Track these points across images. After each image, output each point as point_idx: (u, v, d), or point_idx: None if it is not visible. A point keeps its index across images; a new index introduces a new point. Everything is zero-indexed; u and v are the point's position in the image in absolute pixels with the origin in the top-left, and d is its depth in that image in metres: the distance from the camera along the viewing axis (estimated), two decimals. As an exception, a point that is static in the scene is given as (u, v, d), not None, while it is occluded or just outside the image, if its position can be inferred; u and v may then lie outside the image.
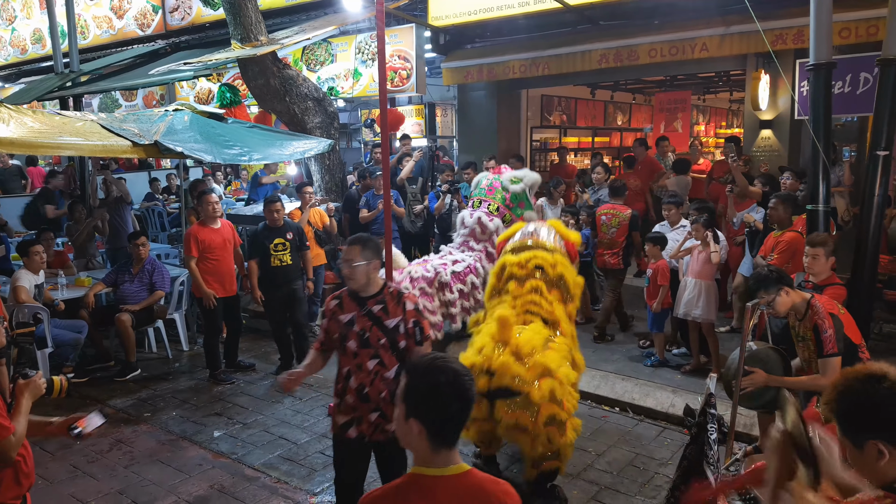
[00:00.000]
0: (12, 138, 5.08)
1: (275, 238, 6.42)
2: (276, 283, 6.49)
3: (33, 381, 2.62)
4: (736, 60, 8.23)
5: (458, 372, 1.74)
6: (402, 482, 1.73)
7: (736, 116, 17.86)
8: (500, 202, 6.37)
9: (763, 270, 3.55)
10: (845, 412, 1.73)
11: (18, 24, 14.55)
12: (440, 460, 1.70)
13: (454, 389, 1.71)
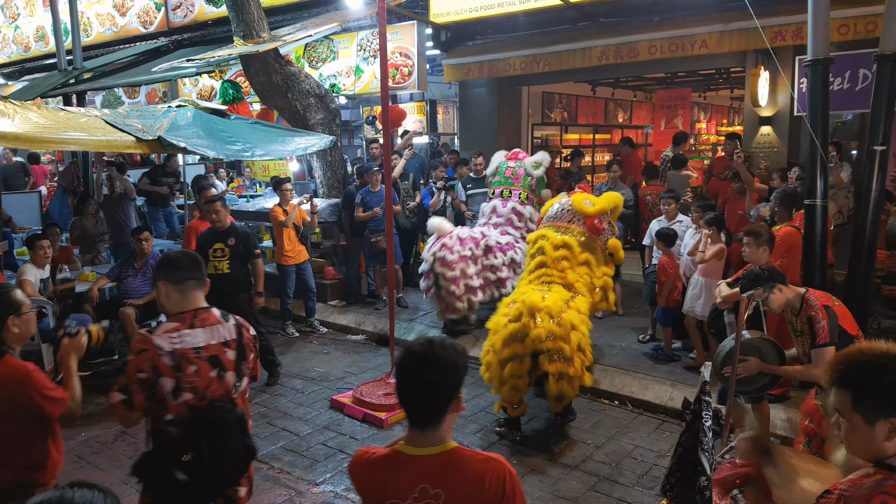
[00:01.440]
0: (17, 133, 5.12)
1: (214, 243, 6.05)
2: (211, 293, 6.12)
3: (77, 341, 2.79)
4: (735, 57, 8.27)
5: (403, 358, 1.84)
6: (387, 457, 1.85)
7: (737, 114, 17.88)
8: (528, 188, 6.78)
9: (755, 270, 3.61)
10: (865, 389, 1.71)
11: (21, 22, 14.60)
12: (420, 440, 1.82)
13: (400, 381, 1.84)
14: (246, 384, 2.75)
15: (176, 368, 2.53)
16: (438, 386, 1.79)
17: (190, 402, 2.55)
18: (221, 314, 2.72)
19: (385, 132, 6.03)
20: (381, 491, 1.81)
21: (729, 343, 3.47)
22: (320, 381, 6.38)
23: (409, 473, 1.79)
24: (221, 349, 2.64)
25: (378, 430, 5.28)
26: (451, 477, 1.77)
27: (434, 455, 1.80)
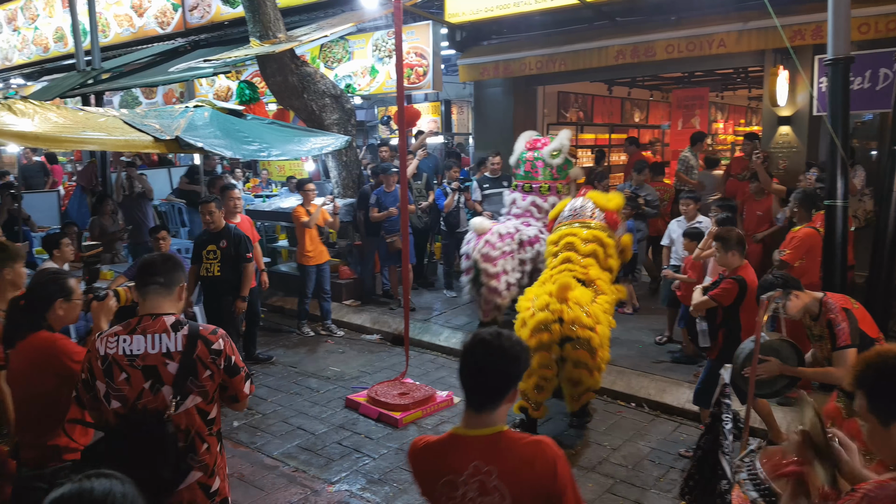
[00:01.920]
0: (37, 133, 5.17)
1: (208, 244, 6.04)
2: (205, 294, 6.23)
3: (106, 303, 2.89)
4: (754, 56, 8.18)
5: (472, 344, 1.94)
6: (444, 440, 1.97)
7: (755, 114, 17.70)
8: (549, 178, 6.84)
9: (769, 277, 3.57)
10: (880, 391, 1.71)
11: (41, 23, 14.75)
12: (474, 422, 1.92)
13: (464, 364, 1.94)
14: (197, 403, 2.49)
15: (106, 373, 2.46)
16: (500, 374, 1.90)
17: (118, 411, 2.46)
18: (173, 324, 2.50)
19: (401, 132, 6.04)
20: (438, 470, 1.91)
21: (748, 345, 3.43)
22: (335, 380, 6.39)
23: (464, 452, 1.89)
24: (161, 360, 2.44)
25: (393, 430, 5.28)
26: (502, 456, 1.87)
27: (487, 436, 1.90)
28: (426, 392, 5.68)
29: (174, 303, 2.60)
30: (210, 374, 2.50)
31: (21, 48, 15.35)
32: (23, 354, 2.83)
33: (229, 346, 2.55)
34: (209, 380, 2.50)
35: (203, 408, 2.52)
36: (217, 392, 2.55)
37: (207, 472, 2.56)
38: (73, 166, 16.03)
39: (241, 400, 2.62)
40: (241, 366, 2.58)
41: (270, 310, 8.70)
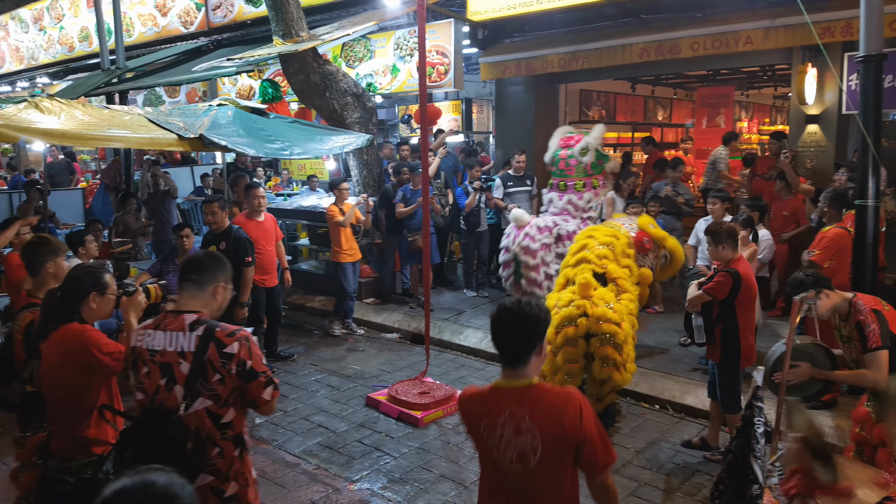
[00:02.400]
0: (63, 130, 5.23)
1: (210, 245, 5.89)
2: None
3: (135, 298, 2.97)
4: (781, 54, 8.05)
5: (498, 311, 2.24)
6: (486, 391, 2.29)
7: (780, 113, 17.46)
8: (583, 175, 6.83)
9: (799, 276, 3.49)
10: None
11: (66, 22, 14.94)
12: (510, 376, 2.24)
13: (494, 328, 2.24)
14: (207, 406, 2.43)
15: (133, 365, 2.52)
16: (525, 333, 2.21)
17: (142, 402, 2.49)
18: (192, 323, 2.47)
19: (423, 131, 6.01)
20: (480, 414, 2.25)
21: (779, 348, 3.35)
22: (356, 378, 6.39)
23: (502, 400, 2.22)
24: (176, 359, 2.43)
25: (413, 429, 5.26)
26: (534, 403, 2.18)
27: (521, 387, 2.22)
28: (447, 391, 5.65)
29: (206, 302, 2.57)
30: (220, 378, 2.42)
31: (47, 48, 15.56)
32: (54, 346, 2.86)
33: (246, 350, 2.44)
34: (219, 384, 2.43)
35: (214, 411, 2.45)
36: (233, 396, 2.47)
37: (220, 477, 2.49)
38: (97, 164, 16.24)
39: (261, 406, 2.51)
40: (259, 371, 2.46)
41: (291, 307, 8.73)
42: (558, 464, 2.16)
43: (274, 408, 2.58)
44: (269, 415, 2.73)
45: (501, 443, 2.17)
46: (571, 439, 2.13)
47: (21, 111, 5.14)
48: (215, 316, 2.59)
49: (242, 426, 2.56)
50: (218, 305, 2.61)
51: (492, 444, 2.19)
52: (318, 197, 9.58)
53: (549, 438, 2.12)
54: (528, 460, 2.13)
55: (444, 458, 4.80)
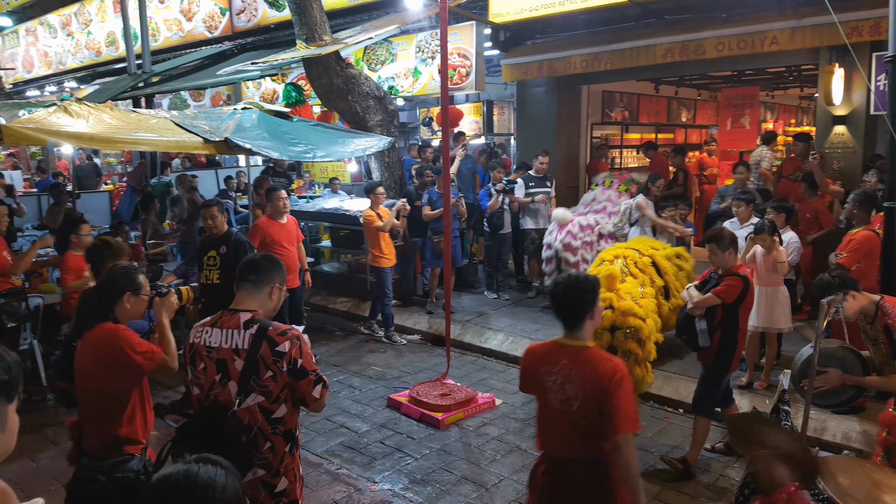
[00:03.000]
0: (91, 133, 5.32)
1: (210, 250, 5.69)
2: (206, 303, 5.52)
3: (168, 299, 3.01)
4: (808, 54, 7.93)
5: (555, 285, 2.77)
6: (549, 344, 2.81)
7: (805, 114, 17.21)
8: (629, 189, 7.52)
9: (825, 277, 3.44)
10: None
11: (94, 27, 15.21)
12: (569, 336, 2.73)
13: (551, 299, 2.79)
14: (259, 401, 2.51)
15: (191, 361, 2.63)
16: (577, 301, 2.68)
17: (198, 398, 2.60)
18: (247, 321, 2.56)
19: (444, 134, 6.02)
20: (541, 362, 2.76)
21: (807, 351, 3.30)
22: (377, 379, 6.41)
23: (558, 354, 2.72)
24: (231, 355, 2.53)
25: (434, 430, 5.27)
26: (583, 362, 2.65)
27: (576, 346, 2.70)
28: (468, 393, 5.65)
29: (261, 302, 2.65)
30: (272, 374, 2.49)
31: (75, 52, 15.86)
32: (88, 345, 2.90)
33: (296, 349, 2.51)
34: (271, 380, 2.50)
35: (266, 406, 2.52)
36: (284, 393, 2.53)
37: (271, 472, 2.56)
38: (124, 167, 16.50)
39: (310, 403, 2.58)
40: (310, 369, 2.54)
41: (314, 309, 8.79)
42: (594, 411, 2.59)
43: (323, 405, 2.65)
44: (319, 412, 2.80)
45: (553, 387, 2.69)
46: (600, 397, 2.55)
47: (51, 115, 5.23)
48: (270, 315, 2.68)
49: (294, 422, 2.63)
50: (273, 305, 2.70)
51: (546, 386, 2.71)
52: (340, 199, 9.64)
53: (587, 392, 2.60)
54: (571, 404, 2.64)
55: (465, 459, 4.80)
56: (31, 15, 17.32)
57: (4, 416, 1.50)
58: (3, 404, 1.50)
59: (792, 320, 5.66)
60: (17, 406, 1.54)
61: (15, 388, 1.52)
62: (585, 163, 10.97)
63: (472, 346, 7.16)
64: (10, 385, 1.50)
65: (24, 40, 17.54)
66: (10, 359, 1.52)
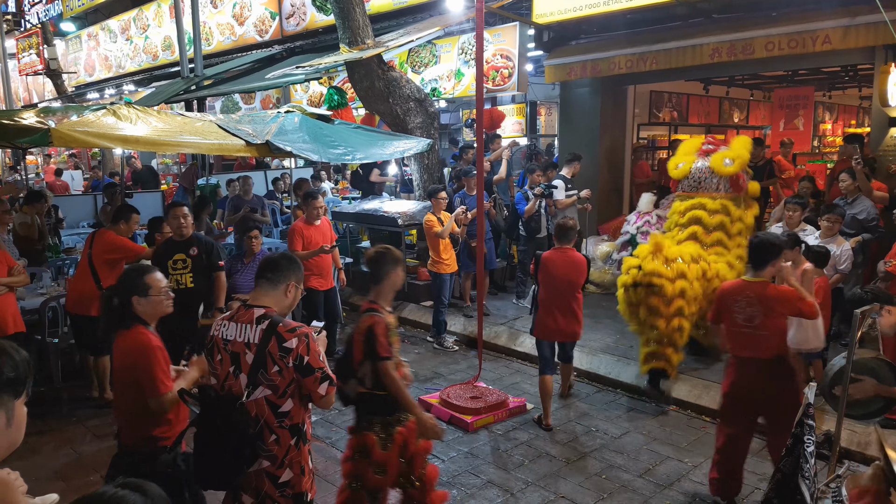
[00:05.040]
0: (138, 136, 5.51)
1: (175, 253, 5.48)
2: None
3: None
4: (863, 53, 7.61)
5: (752, 239, 4.11)
6: (739, 280, 4.09)
7: (867, 114, 16.51)
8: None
9: (858, 292, 3.40)
10: None
11: (151, 33, 15.75)
12: (754, 275, 3.97)
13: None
14: (266, 395, 2.61)
15: (209, 352, 2.77)
16: (763, 251, 3.92)
17: (214, 387, 2.73)
18: (259, 317, 2.66)
19: (478, 137, 6.01)
20: (730, 297, 3.99)
21: (839, 361, 3.18)
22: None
23: (745, 288, 3.97)
24: (243, 349, 2.63)
25: (463, 433, 5.26)
26: (764, 292, 3.87)
27: (758, 282, 3.93)
28: (499, 397, 5.63)
29: (277, 299, 2.76)
30: (278, 370, 2.58)
31: (133, 56, 16.45)
32: (118, 350, 2.98)
33: (304, 346, 2.59)
34: (277, 375, 2.59)
35: (273, 400, 2.61)
36: (291, 388, 2.62)
37: (275, 463, 2.65)
38: (179, 168, 17.02)
39: (317, 400, 2.65)
40: (316, 366, 2.60)
41: (352, 309, 8.87)
42: (773, 324, 3.82)
43: (331, 402, 2.72)
44: (327, 408, 2.88)
45: (738, 309, 3.90)
46: (780, 311, 3.84)
47: (99, 118, 5.44)
48: (286, 312, 2.78)
49: (301, 418, 2.70)
50: (289, 303, 2.81)
51: (734, 309, 3.91)
52: (381, 201, 9.73)
53: (767, 311, 3.83)
54: (753, 321, 3.85)
55: (492, 464, 4.78)
56: (93, 20, 18.07)
57: (11, 411, 1.57)
58: (10, 399, 1.57)
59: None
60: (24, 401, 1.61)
61: (23, 384, 1.59)
62: (629, 164, 10.78)
63: (506, 349, 7.12)
64: (16, 381, 1.57)
65: (86, 45, 18.30)
66: (18, 357, 1.59)
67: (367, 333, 3.28)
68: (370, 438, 3.27)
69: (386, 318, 3.34)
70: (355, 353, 3.35)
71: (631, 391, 6.04)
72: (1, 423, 1.54)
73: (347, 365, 3.39)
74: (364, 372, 3.30)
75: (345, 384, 3.32)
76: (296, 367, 2.58)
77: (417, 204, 8.68)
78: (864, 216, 6.33)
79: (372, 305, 3.42)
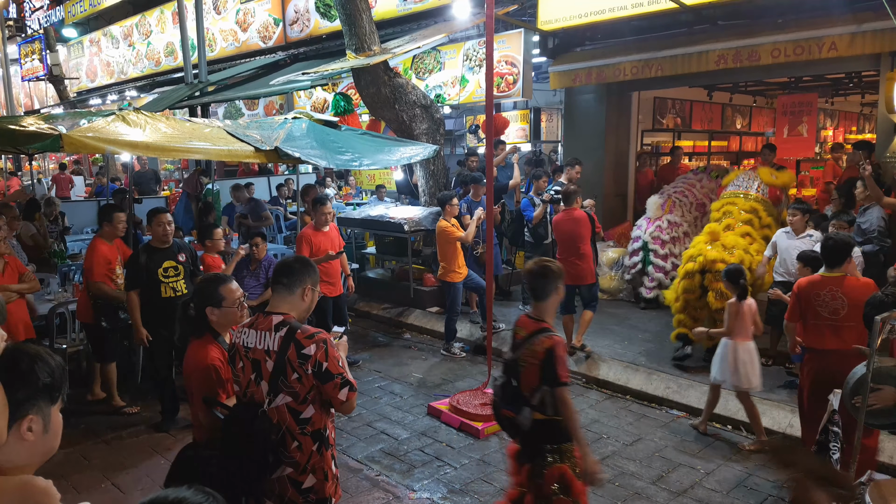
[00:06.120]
0: (147, 142, 5.50)
1: (164, 261, 5.32)
2: (168, 319, 4.61)
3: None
4: (868, 60, 7.64)
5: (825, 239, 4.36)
6: (818, 276, 4.33)
7: (868, 121, 16.57)
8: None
9: (878, 296, 3.39)
10: None
11: (154, 38, 15.75)
12: (832, 271, 4.21)
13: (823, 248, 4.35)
14: (287, 402, 2.60)
15: (231, 360, 2.78)
16: (840, 251, 4.17)
17: (237, 394, 2.75)
18: (277, 324, 2.65)
19: (488, 142, 6.01)
20: (812, 293, 4.25)
21: (860, 370, 3.17)
22: (418, 386, 6.43)
23: (826, 282, 4.22)
24: (263, 356, 2.63)
25: (474, 440, 5.25)
26: (844, 285, 4.15)
27: (836, 276, 4.20)
28: (510, 403, 5.60)
29: (294, 304, 2.74)
30: (298, 377, 2.57)
31: (135, 62, 16.45)
32: (186, 357, 3.03)
33: (322, 352, 2.57)
34: (297, 382, 2.58)
35: (294, 407, 2.61)
36: (311, 394, 2.61)
37: (298, 469, 2.65)
38: (181, 174, 17.02)
39: (337, 406, 2.64)
40: (335, 372, 2.58)
41: (357, 315, 8.88)
42: (857, 315, 3.83)
43: (352, 408, 2.69)
44: (348, 414, 2.86)
45: (822, 303, 4.18)
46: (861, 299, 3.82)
47: (109, 124, 5.43)
48: (304, 316, 2.77)
49: (323, 423, 2.69)
50: (306, 307, 2.78)
51: (817, 304, 4.18)
52: (386, 206, 9.73)
53: (851, 302, 4.06)
54: (838, 313, 4.12)
55: (503, 471, 4.75)
56: (95, 26, 18.07)
57: (48, 417, 1.56)
58: (47, 405, 1.55)
59: None
60: (60, 407, 1.60)
61: (59, 390, 1.58)
62: (634, 170, 10.80)
63: (515, 355, 7.10)
64: (52, 387, 1.56)
65: (88, 51, 18.29)
66: (53, 362, 1.58)
67: (546, 356, 3.03)
68: (565, 470, 3.06)
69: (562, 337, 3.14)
70: (527, 377, 3.12)
71: (640, 398, 6.03)
72: (38, 429, 1.53)
73: (516, 391, 3.16)
74: (540, 397, 3.07)
75: (518, 414, 3.10)
76: (315, 373, 2.57)
77: (423, 210, 8.68)
78: (867, 226, 6.29)
79: (543, 325, 3.16)
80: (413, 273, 8.66)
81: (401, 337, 8.03)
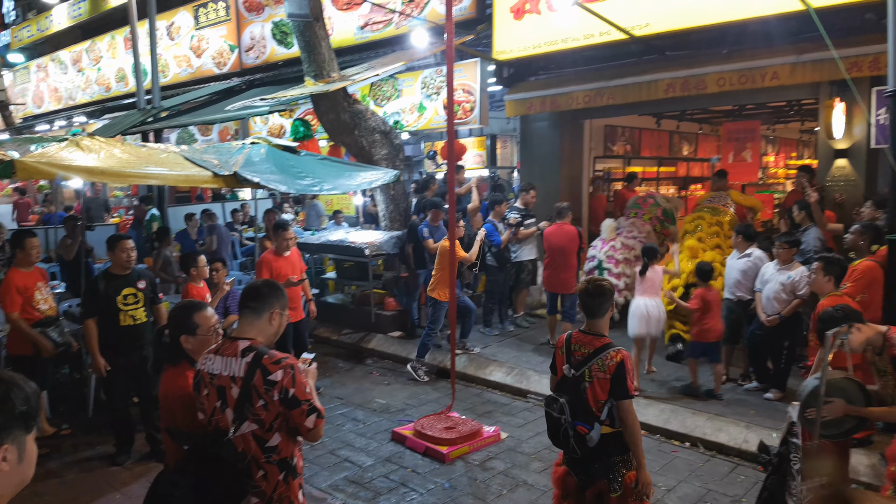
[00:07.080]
0: (103, 168, 5.39)
1: (123, 288, 5.18)
2: (126, 348, 5.13)
3: None
4: (808, 89, 8.04)
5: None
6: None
7: (806, 147, 17.34)
8: (654, 215, 8.23)
9: (829, 310, 3.50)
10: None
11: (104, 64, 15.50)
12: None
13: None
14: (253, 430, 2.55)
15: (196, 387, 2.70)
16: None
17: (202, 422, 2.66)
18: (244, 349, 2.60)
19: (450, 167, 6.09)
20: None
21: (812, 382, 3.30)
22: (381, 412, 6.38)
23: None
24: (229, 383, 2.57)
25: (440, 465, 5.23)
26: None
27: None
28: (473, 426, 5.62)
29: (261, 328, 2.70)
30: (264, 403, 2.52)
31: (85, 88, 16.13)
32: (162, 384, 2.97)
33: (289, 378, 2.52)
34: (263, 409, 2.52)
35: (260, 435, 2.55)
36: (277, 422, 2.55)
37: (264, 499, 2.59)
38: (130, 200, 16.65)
39: (304, 433, 2.59)
40: (302, 399, 2.54)
41: (318, 341, 8.78)
42: None
43: (319, 435, 2.65)
44: (315, 441, 2.77)
45: None
46: None
47: (62, 149, 5.31)
48: (272, 341, 2.72)
49: (290, 452, 2.64)
50: (273, 331, 2.74)
51: None
52: (346, 231, 9.70)
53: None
54: None
55: (470, 494, 4.76)
56: (42, 52, 17.69)
57: (23, 446, 1.52)
58: (22, 434, 1.51)
59: None
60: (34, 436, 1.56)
61: (34, 418, 1.54)
62: (587, 196, 11.05)
63: (476, 378, 7.13)
64: (28, 415, 1.52)
65: (34, 76, 17.87)
66: (28, 389, 1.54)
67: (618, 370, 3.08)
68: (633, 476, 3.11)
69: None
70: (595, 391, 3.14)
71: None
72: (13, 459, 1.48)
73: (585, 407, 3.16)
74: (608, 411, 3.11)
75: (591, 429, 3.10)
76: (281, 399, 2.52)
77: (384, 234, 8.69)
78: (804, 247, 6.51)
79: (606, 340, 3.23)
80: (374, 298, 8.64)
81: (362, 362, 7.98)
